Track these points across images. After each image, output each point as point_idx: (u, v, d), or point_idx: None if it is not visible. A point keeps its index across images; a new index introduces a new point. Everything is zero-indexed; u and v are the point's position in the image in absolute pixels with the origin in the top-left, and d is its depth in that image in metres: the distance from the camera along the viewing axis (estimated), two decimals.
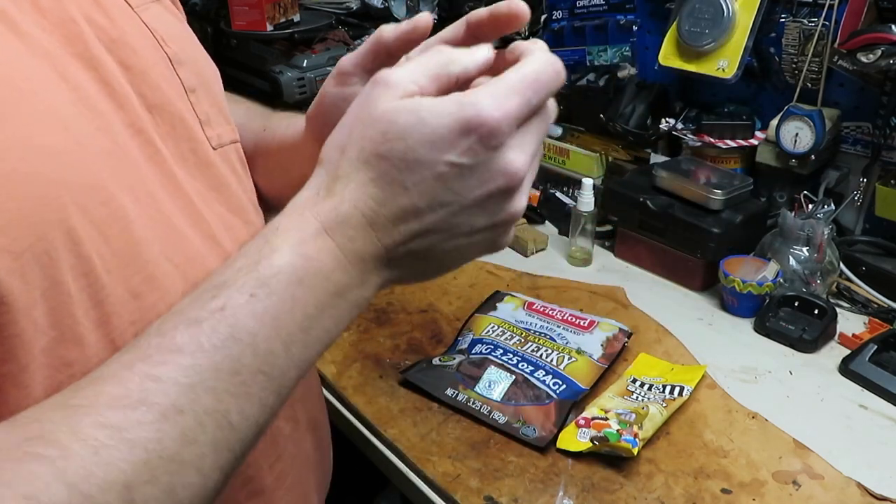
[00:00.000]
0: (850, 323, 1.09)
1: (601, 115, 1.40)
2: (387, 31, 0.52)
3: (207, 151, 0.53)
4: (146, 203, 0.44)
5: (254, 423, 0.39)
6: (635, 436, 0.82)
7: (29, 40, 0.40)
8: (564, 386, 0.93)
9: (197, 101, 0.53)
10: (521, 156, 0.42)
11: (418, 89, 0.42)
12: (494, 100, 0.40)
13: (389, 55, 0.52)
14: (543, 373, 0.95)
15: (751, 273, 1.10)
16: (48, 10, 0.43)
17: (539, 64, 0.42)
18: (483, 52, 0.44)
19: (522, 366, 0.96)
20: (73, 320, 0.39)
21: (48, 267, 0.37)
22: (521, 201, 0.44)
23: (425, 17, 0.51)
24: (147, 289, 0.43)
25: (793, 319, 1.06)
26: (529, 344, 1.01)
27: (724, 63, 1.23)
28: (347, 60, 0.55)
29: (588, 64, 1.49)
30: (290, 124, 0.65)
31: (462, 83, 0.43)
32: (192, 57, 0.54)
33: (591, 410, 0.89)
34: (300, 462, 0.61)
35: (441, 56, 0.43)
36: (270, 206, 0.64)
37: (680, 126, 1.34)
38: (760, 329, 1.08)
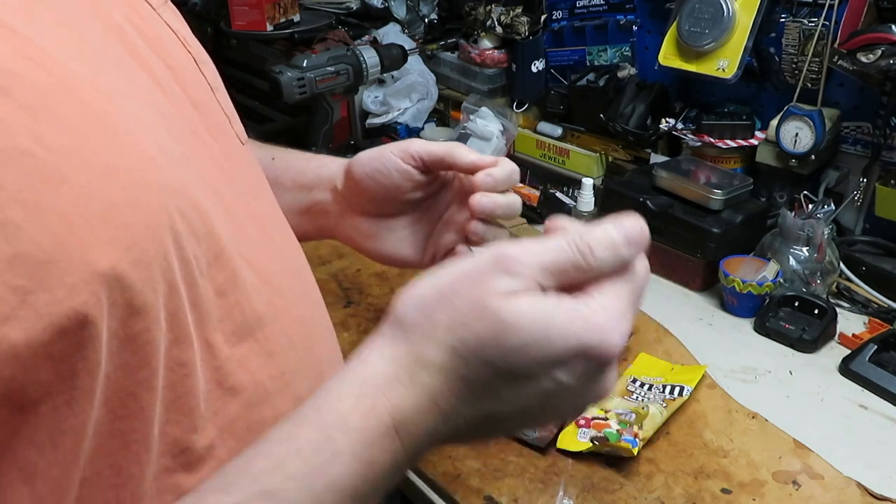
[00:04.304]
0: (850, 323, 1.09)
1: (601, 115, 1.39)
2: (465, 156, 0.55)
3: (240, 147, 0.54)
4: (215, 201, 0.45)
5: None
6: (635, 436, 0.82)
7: (103, 49, 0.40)
8: None
9: (222, 99, 0.53)
10: (615, 378, 0.41)
11: (541, 288, 0.38)
12: (618, 324, 0.38)
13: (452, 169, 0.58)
14: None
15: (751, 273, 1.10)
16: (102, 15, 0.43)
17: (644, 274, 0.43)
18: (621, 251, 0.41)
19: None
20: (186, 322, 0.40)
21: (167, 272, 0.38)
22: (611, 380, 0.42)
23: (509, 168, 0.54)
24: (230, 287, 0.44)
25: (793, 319, 1.06)
26: None
27: (724, 63, 1.23)
28: (422, 149, 0.57)
29: (588, 64, 1.49)
30: (321, 164, 0.70)
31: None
32: (207, 56, 0.54)
33: (590, 410, 0.89)
34: None
35: (573, 252, 0.39)
36: None
37: (680, 126, 1.33)
38: (760, 329, 1.08)
